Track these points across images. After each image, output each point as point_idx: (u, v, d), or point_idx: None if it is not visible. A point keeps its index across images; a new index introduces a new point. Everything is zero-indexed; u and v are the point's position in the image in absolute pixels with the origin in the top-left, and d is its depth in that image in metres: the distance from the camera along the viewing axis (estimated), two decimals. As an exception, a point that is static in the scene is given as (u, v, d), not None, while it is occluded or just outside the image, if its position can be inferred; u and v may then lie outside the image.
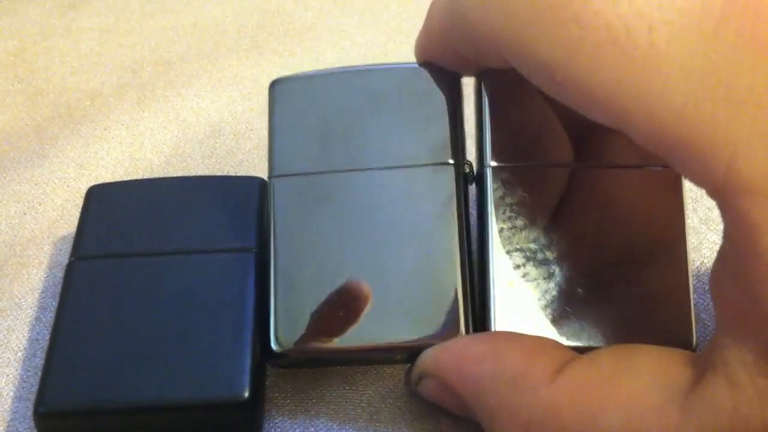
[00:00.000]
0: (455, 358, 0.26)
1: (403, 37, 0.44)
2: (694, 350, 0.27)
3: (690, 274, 0.28)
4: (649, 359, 0.24)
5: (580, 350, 0.26)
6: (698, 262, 0.32)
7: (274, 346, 0.27)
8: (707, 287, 0.31)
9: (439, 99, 0.30)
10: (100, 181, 0.34)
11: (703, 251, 0.33)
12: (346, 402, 0.29)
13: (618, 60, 0.21)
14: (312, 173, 0.30)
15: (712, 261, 0.31)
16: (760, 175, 0.20)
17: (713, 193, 0.22)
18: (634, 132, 0.22)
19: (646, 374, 0.24)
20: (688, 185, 0.28)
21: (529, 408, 0.24)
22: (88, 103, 0.41)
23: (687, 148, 0.21)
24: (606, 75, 0.22)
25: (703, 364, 0.23)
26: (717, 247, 0.32)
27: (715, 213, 0.34)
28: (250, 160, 0.38)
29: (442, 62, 0.30)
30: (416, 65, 0.30)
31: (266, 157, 0.34)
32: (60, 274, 0.31)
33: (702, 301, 0.31)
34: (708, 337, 0.29)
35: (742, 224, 0.21)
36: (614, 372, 0.24)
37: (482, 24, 0.25)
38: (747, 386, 0.22)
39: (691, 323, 0.27)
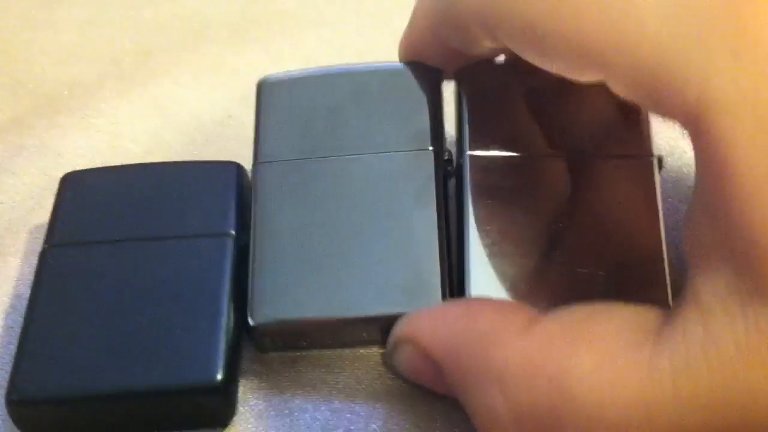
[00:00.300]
0: (430, 320, 0.26)
1: (385, 25, 0.44)
2: None
3: (665, 251, 0.28)
4: (622, 307, 0.24)
5: None
6: (677, 242, 0.32)
7: (251, 321, 0.27)
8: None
9: (420, 94, 0.31)
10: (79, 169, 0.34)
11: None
12: (322, 384, 0.29)
13: (597, 8, 0.22)
14: (295, 159, 0.30)
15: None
16: (731, 97, 0.21)
17: (686, 121, 0.22)
18: (613, 75, 0.23)
19: (617, 318, 0.24)
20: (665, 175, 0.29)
21: (502, 360, 0.24)
22: (67, 93, 0.40)
23: (662, 78, 0.22)
24: (586, 23, 0.23)
25: (675, 306, 0.23)
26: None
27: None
28: (231, 148, 0.37)
29: (428, 58, 0.31)
30: (399, 64, 0.31)
31: (247, 144, 0.34)
32: (36, 262, 0.31)
33: (679, 280, 0.30)
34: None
35: (713, 144, 0.21)
36: (587, 318, 0.24)
37: (468, 2, 0.26)
38: (718, 311, 0.21)
39: (667, 300, 0.27)
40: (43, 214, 0.35)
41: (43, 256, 0.30)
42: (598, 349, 0.23)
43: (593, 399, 0.22)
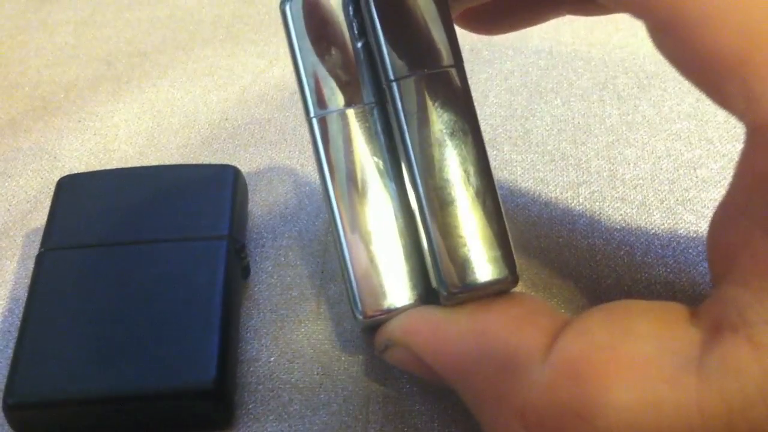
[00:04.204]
0: (430, 331, 0.24)
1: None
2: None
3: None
4: (647, 320, 0.21)
5: None
6: (674, 243, 0.32)
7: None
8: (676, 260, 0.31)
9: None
10: (74, 172, 0.34)
11: (680, 232, 0.32)
12: (320, 388, 0.29)
13: None
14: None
15: (688, 241, 0.31)
16: None
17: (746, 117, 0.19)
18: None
19: (648, 340, 0.21)
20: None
21: (523, 392, 0.21)
22: (62, 96, 0.40)
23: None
24: None
25: (711, 322, 0.20)
26: (694, 227, 0.32)
27: (692, 194, 0.34)
28: (225, 150, 0.37)
29: None
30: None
31: (242, 146, 0.33)
32: (33, 265, 0.31)
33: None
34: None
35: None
36: (611, 340, 0.21)
37: None
38: None
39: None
40: (39, 218, 0.35)
41: (40, 259, 0.30)
42: (634, 379, 0.20)
43: None
